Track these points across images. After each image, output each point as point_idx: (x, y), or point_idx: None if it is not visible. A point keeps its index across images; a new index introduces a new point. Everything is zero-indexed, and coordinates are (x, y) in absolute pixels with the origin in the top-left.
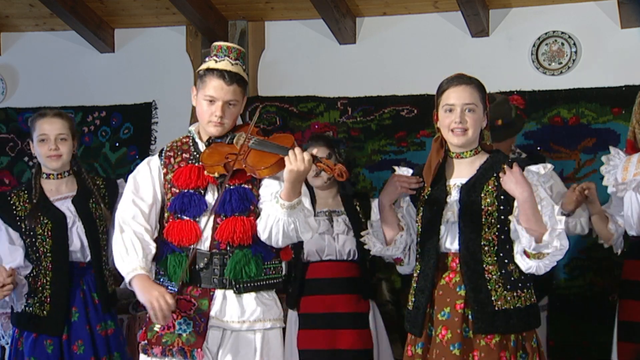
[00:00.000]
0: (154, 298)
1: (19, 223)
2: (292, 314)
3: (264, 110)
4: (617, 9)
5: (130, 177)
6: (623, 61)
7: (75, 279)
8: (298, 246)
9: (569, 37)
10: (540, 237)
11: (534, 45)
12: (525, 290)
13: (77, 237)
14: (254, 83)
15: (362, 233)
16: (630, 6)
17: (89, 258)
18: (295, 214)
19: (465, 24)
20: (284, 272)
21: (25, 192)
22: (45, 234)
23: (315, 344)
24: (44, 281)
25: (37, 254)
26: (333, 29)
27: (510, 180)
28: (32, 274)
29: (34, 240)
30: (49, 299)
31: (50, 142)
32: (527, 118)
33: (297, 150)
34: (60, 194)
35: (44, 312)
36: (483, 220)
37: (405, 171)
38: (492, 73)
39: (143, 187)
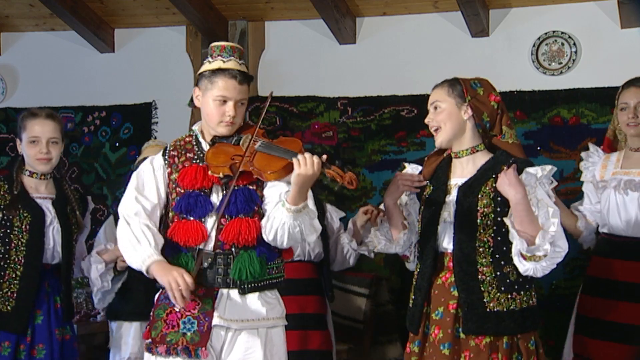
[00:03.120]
0: (173, 278)
1: None
2: None
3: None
4: (617, 9)
5: (134, 175)
6: (623, 61)
7: (41, 280)
8: None
9: (569, 37)
10: (533, 240)
11: (534, 45)
12: (522, 293)
13: (52, 238)
14: (254, 83)
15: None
16: (630, 6)
17: (56, 261)
18: (301, 217)
19: (465, 24)
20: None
21: (5, 183)
22: (23, 227)
23: (287, 344)
24: (13, 275)
25: (8, 247)
26: (333, 29)
27: (504, 182)
28: None
29: (8, 231)
30: (15, 294)
31: (41, 145)
32: (527, 118)
33: (307, 154)
34: (40, 193)
35: (8, 307)
36: (478, 221)
37: (414, 169)
38: (492, 73)
39: (147, 186)
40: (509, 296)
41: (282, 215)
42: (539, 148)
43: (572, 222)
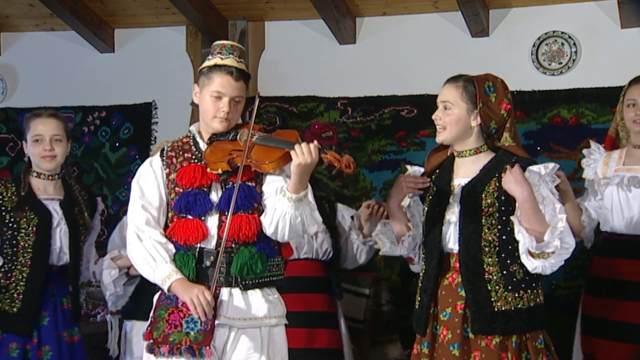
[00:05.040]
0: (194, 295)
1: (3, 214)
2: None
3: (264, 110)
4: (617, 9)
5: (134, 183)
6: (623, 61)
7: (46, 282)
8: None
9: (569, 37)
10: (541, 237)
11: (534, 45)
12: (529, 291)
13: (59, 239)
14: (254, 83)
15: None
16: (630, 6)
17: (62, 262)
18: (302, 207)
19: (465, 24)
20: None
21: (13, 185)
22: (30, 228)
23: (292, 342)
24: (19, 277)
25: (15, 249)
26: (333, 29)
27: (510, 180)
28: (3, 269)
29: (15, 233)
30: (21, 296)
31: (45, 143)
32: (527, 118)
33: (304, 143)
34: (48, 194)
35: (14, 309)
36: (483, 221)
37: (416, 170)
38: (492, 73)
39: (148, 190)
40: (516, 295)
41: (284, 206)
42: (539, 148)
43: (577, 216)
